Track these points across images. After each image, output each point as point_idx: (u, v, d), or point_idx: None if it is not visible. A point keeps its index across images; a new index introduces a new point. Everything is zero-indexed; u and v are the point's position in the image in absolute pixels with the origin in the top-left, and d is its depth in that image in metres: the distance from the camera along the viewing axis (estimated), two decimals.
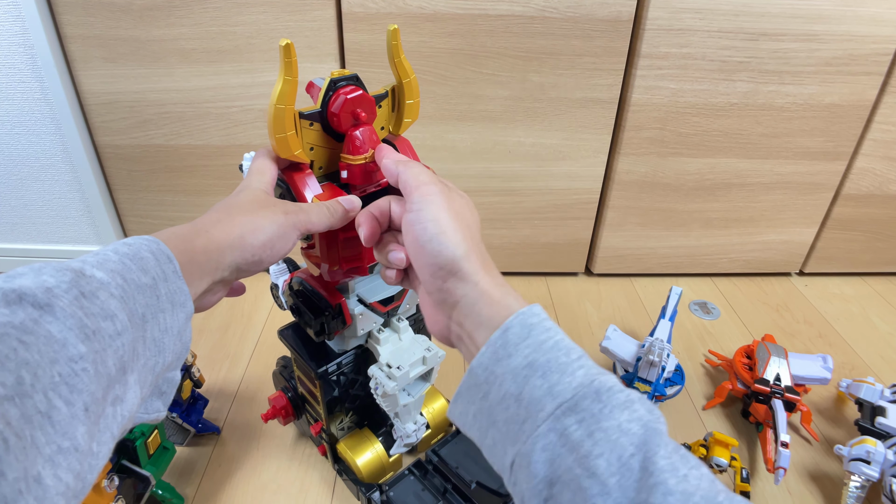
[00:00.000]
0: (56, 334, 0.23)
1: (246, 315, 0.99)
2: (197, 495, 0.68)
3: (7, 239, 1.11)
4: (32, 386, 0.21)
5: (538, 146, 0.98)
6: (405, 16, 0.85)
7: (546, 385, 0.29)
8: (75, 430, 0.23)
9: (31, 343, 0.22)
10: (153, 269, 0.30)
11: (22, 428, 0.20)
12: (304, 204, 0.43)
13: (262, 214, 0.39)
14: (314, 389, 0.62)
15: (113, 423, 0.26)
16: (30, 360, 0.22)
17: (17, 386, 0.21)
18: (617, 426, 0.27)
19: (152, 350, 0.30)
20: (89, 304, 0.25)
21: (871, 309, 1.07)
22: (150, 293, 0.29)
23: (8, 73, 0.92)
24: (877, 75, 0.93)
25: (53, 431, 0.22)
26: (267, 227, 0.38)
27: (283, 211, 0.40)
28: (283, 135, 0.44)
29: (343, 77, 0.47)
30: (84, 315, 0.24)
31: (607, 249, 1.10)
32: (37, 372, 0.22)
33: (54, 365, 0.22)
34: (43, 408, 0.22)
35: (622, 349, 0.79)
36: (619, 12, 0.86)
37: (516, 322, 0.32)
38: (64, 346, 0.23)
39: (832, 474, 0.73)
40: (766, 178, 1.03)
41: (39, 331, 0.23)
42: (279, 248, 0.39)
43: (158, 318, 0.30)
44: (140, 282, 0.29)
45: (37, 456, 0.21)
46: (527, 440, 0.29)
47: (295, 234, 0.40)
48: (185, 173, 1.01)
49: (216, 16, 0.86)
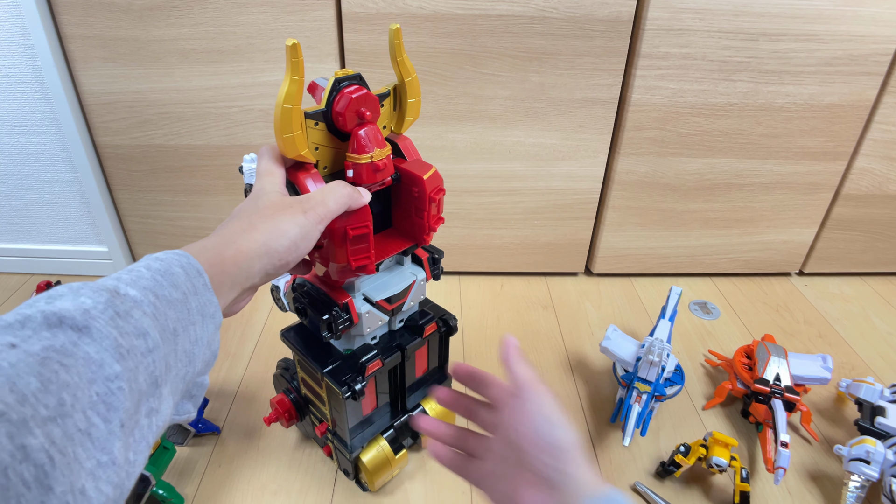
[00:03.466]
0: (94, 356, 0.25)
1: (246, 315, 0.99)
2: (197, 495, 0.68)
3: (7, 239, 1.11)
4: (73, 406, 0.23)
5: (538, 146, 0.98)
6: (405, 16, 0.85)
7: None
8: (112, 445, 0.24)
9: (71, 365, 0.24)
10: (183, 283, 0.31)
11: (65, 446, 0.22)
12: (316, 193, 0.43)
13: (283, 218, 0.39)
14: (319, 390, 0.62)
15: (149, 433, 0.27)
16: (70, 381, 0.23)
17: (59, 407, 0.22)
18: None
19: (183, 361, 0.31)
20: (124, 324, 0.26)
21: (871, 309, 1.08)
22: (181, 307, 0.30)
23: (8, 73, 0.92)
24: (877, 75, 0.93)
25: (93, 447, 0.23)
26: (290, 230, 0.39)
27: (303, 210, 0.40)
28: (291, 134, 0.44)
29: (347, 76, 0.47)
30: (119, 335, 0.26)
31: (607, 249, 1.10)
32: (76, 393, 0.23)
33: (92, 385, 0.24)
34: (83, 426, 0.23)
35: (622, 349, 0.79)
36: (619, 12, 0.86)
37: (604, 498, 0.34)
38: (101, 366, 0.25)
39: (832, 474, 0.73)
40: (766, 178, 1.03)
41: (78, 353, 0.24)
42: (303, 248, 0.40)
43: (189, 331, 0.31)
44: (171, 297, 0.30)
45: (80, 471, 0.22)
46: None
47: (317, 229, 0.41)
48: (185, 173, 1.01)
49: (216, 16, 0.86)
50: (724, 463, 0.66)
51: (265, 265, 0.37)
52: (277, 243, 0.38)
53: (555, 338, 0.96)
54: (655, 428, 0.79)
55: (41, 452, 0.21)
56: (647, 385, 0.74)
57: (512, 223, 1.06)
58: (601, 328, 0.98)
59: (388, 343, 0.63)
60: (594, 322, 1.01)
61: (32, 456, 0.21)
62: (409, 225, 0.56)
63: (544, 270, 1.14)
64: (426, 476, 0.71)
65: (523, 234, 1.08)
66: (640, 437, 0.76)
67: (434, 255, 0.62)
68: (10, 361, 0.22)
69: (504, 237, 1.08)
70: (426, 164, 0.53)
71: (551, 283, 1.12)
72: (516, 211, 1.05)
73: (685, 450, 0.68)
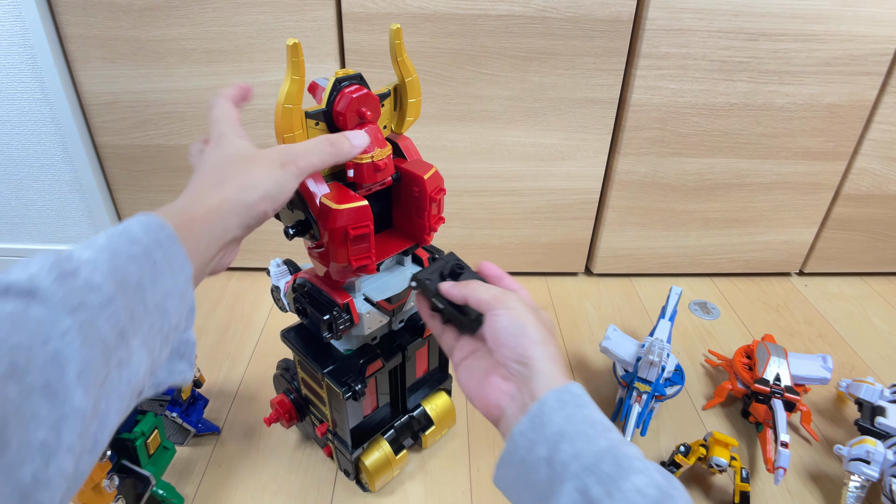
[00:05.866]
0: (43, 316, 0.26)
1: (246, 315, 0.99)
2: (197, 495, 0.68)
3: (7, 239, 1.11)
4: (26, 366, 0.24)
5: (538, 146, 0.98)
6: (405, 16, 0.85)
7: (573, 450, 0.34)
8: (72, 395, 0.25)
9: (22, 327, 0.25)
10: (143, 238, 0.32)
11: (20, 403, 0.23)
12: (299, 145, 0.41)
13: (256, 171, 0.38)
14: (319, 390, 0.62)
15: (120, 384, 0.29)
16: (21, 343, 0.24)
17: (10, 367, 0.23)
18: (633, 488, 0.31)
19: (155, 314, 0.31)
20: (72, 281, 0.28)
21: (871, 309, 1.08)
22: (144, 261, 0.31)
23: (8, 73, 0.92)
24: (877, 75, 0.93)
25: (51, 402, 0.25)
26: (263, 182, 0.38)
27: (280, 163, 0.39)
28: (292, 134, 0.44)
29: (347, 76, 0.48)
30: (66, 292, 0.27)
31: (607, 249, 1.10)
32: (30, 353, 0.24)
33: (46, 344, 0.25)
34: (39, 383, 0.24)
35: (622, 349, 0.79)
36: (619, 12, 0.86)
37: (553, 397, 0.36)
38: (52, 325, 0.26)
39: (832, 474, 0.73)
40: (766, 178, 1.03)
41: (28, 315, 0.25)
42: (281, 199, 0.39)
43: (157, 283, 0.32)
44: (130, 252, 0.31)
45: (39, 425, 0.24)
46: (552, 498, 0.33)
47: (294, 183, 0.39)
48: (185, 173, 1.00)
49: (216, 16, 0.86)
50: (724, 463, 0.66)
51: (241, 219, 0.37)
52: (250, 197, 0.37)
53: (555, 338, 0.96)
54: (655, 428, 0.79)
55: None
56: (647, 385, 0.74)
57: (512, 223, 1.06)
58: (601, 328, 0.98)
59: (388, 343, 0.63)
60: (594, 322, 1.01)
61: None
62: (409, 225, 0.56)
63: (544, 270, 1.14)
64: (426, 476, 0.71)
65: (523, 234, 1.08)
66: (640, 437, 0.76)
67: (434, 256, 0.62)
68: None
69: (504, 237, 1.08)
70: (427, 163, 0.53)
71: (551, 283, 1.12)
72: (516, 211, 1.05)
73: (685, 450, 0.68)
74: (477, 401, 0.42)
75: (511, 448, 0.37)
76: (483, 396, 0.41)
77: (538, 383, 0.38)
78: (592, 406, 0.37)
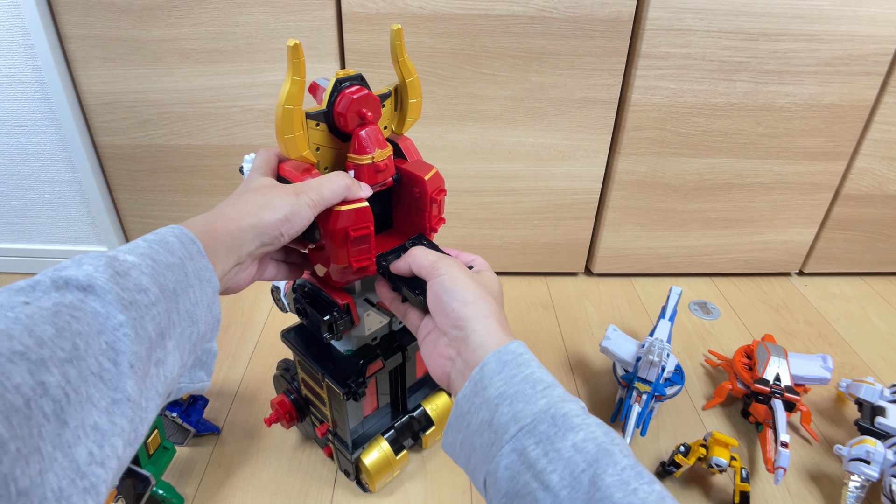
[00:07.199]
0: (100, 309, 0.28)
1: (246, 315, 0.99)
2: (197, 495, 0.68)
3: (7, 239, 1.10)
4: (86, 351, 0.26)
5: (538, 146, 0.98)
6: (405, 16, 0.85)
7: (512, 412, 0.34)
8: (125, 384, 0.27)
9: (81, 317, 0.27)
10: (178, 250, 0.34)
11: (79, 385, 0.25)
12: (314, 181, 0.44)
13: (273, 195, 0.41)
14: (320, 391, 0.62)
15: (157, 382, 0.31)
16: (81, 331, 0.26)
17: (73, 351, 0.26)
18: (571, 446, 0.31)
19: (186, 321, 0.34)
20: (124, 281, 0.30)
21: (871, 309, 1.08)
22: (178, 271, 0.34)
23: (8, 73, 0.92)
24: (877, 75, 0.93)
25: (106, 388, 0.27)
26: (280, 206, 0.41)
27: (294, 192, 0.42)
28: (292, 135, 0.44)
29: (348, 77, 0.47)
30: (121, 290, 0.29)
31: (607, 249, 1.10)
32: (88, 340, 0.27)
33: (101, 335, 0.27)
34: (95, 369, 0.26)
35: (622, 349, 0.79)
36: (619, 12, 0.86)
37: (493, 359, 0.36)
38: (107, 318, 0.28)
39: (832, 474, 0.73)
40: (766, 178, 1.03)
41: (86, 307, 0.27)
42: (296, 224, 0.42)
43: (188, 293, 0.34)
44: (168, 261, 0.33)
45: (92, 409, 0.26)
46: (493, 460, 0.34)
47: (309, 211, 0.42)
48: (185, 173, 1.01)
49: (216, 16, 0.86)
50: (724, 463, 0.66)
51: (258, 236, 0.40)
52: (267, 216, 0.40)
53: (555, 338, 0.96)
54: (655, 428, 0.79)
55: (58, 389, 0.24)
56: (647, 385, 0.74)
57: (512, 223, 1.06)
58: (601, 328, 0.98)
59: (388, 344, 0.63)
60: (594, 322, 1.01)
61: (51, 392, 0.24)
62: (410, 225, 0.56)
63: (544, 270, 1.14)
64: (426, 476, 0.71)
65: (523, 233, 1.08)
66: (640, 437, 0.76)
67: None
68: (26, 313, 0.25)
69: (504, 237, 1.08)
70: (427, 164, 0.53)
71: (551, 283, 1.12)
72: (516, 211, 1.05)
73: (685, 450, 0.68)
74: (431, 372, 0.42)
75: (456, 413, 0.37)
76: (433, 367, 0.42)
77: (476, 345, 0.38)
78: (534, 364, 0.37)
